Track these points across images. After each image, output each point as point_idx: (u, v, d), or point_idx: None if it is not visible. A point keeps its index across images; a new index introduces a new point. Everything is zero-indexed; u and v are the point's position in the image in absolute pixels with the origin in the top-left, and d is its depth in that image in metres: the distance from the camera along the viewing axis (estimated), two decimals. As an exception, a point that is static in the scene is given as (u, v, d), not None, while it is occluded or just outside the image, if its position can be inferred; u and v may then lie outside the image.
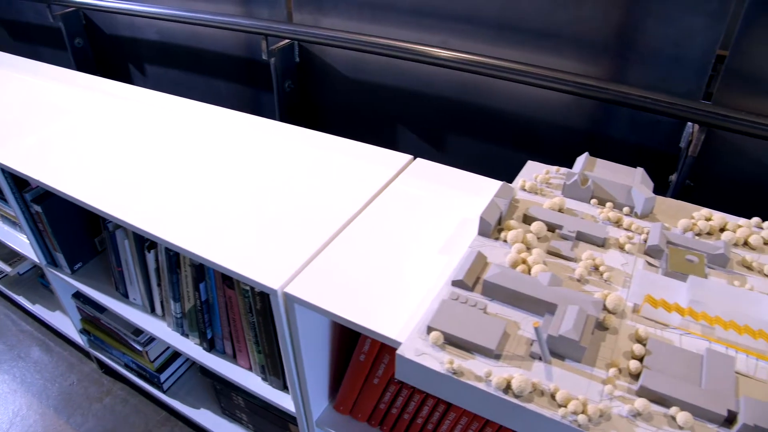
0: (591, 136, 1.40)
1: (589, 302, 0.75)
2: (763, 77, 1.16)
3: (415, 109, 1.64)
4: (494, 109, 1.50)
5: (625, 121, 1.34)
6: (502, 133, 1.52)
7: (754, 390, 0.71)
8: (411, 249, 0.98)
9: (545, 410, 0.66)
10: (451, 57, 1.38)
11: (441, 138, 1.65)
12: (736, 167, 1.27)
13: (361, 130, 1.79)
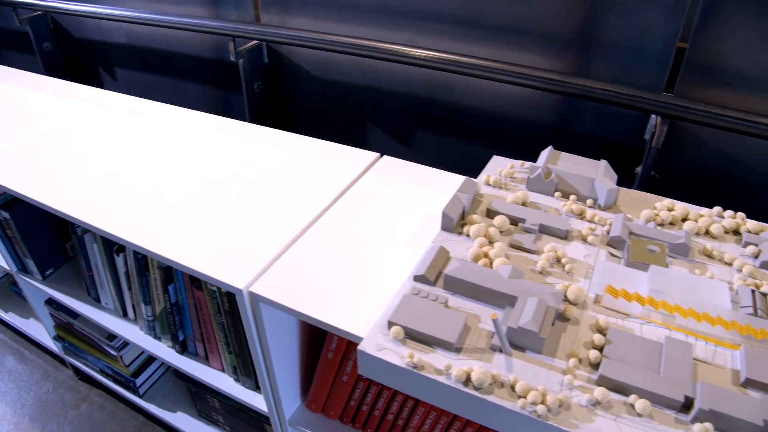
0: (557, 130, 1.41)
1: (549, 294, 0.76)
2: (722, 69, 1.18)
3: (384, 108, 1.64)
4: (461, 106, 1.50)
5: (590, 115, 1.36)
6: (469, 129, 1.53)
7: (712, 376, 0.72)
8: (376, 246, 0.98)
9: (505, 402, 0.67)
10: (417, 55, 1.39)
11: (410, 135, 1.65)
12: (700, 158, 1.29)
13: (331, 129, 1.79)
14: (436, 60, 1.37)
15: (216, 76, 1.94)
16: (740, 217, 1.00)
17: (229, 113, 1.97)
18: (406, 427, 1.02)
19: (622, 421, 0.66)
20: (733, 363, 0.74)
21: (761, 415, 0.65)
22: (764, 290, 0.84)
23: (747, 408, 0.65)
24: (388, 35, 1.50)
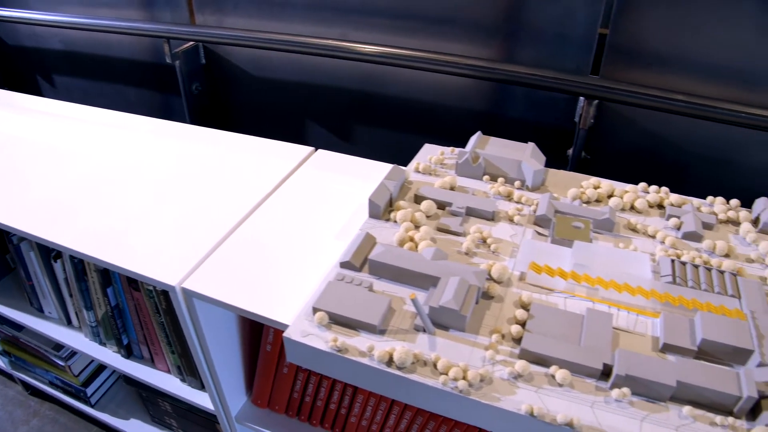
0: (490, 117, 1.43)
1: (472, 273, 0.77)
2: (642, 51, 1.21)
3: (321, 103, 1.65)
4: (396, 98, 1.52)
5: (521, 100, 1.38)
6: (405, 120, 1.54)
7: (633, 343, 0.74)
8: (309, 236, 0.99)
9: (426, 379, 0.68)
10: (350, 48, 1.40)
11: (348, 129, 1.66)
12: (629, 138, 1.32)
13: (271, 127, 1.79)
14: (369, 53, 1.38)
15: (155, 79, 1.93)
16: (664, 191, 1.03)
17: (170, 116, 1.95)
18: (349, 415, 1.03)
19: (543, 391, 0.67)
20: (653, 330, 0.76)
21: (675, 376, 0.67)
22: (684, 259, 0.87)
23: (662, 371, 0.67)
24: (321, 31, 1.50)
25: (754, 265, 0.90)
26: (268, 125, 1.80)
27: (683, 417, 0.66)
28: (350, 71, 1.54)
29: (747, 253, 0.92)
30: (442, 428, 0.94)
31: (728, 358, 0.72)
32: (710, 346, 0.72)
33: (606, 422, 0.65)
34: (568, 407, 0.66)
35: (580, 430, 0.63)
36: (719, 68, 1.19)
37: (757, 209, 1.00)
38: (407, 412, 0.95)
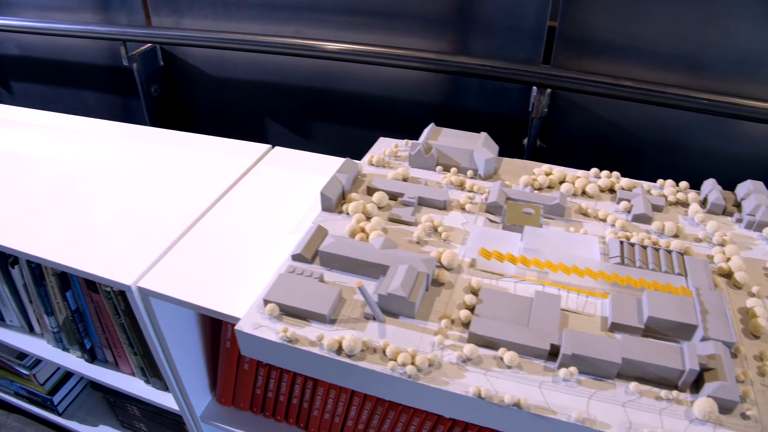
0: (446, 109, 1.45)
1: (420, 260, 0.78)
2: (591, 40, 1.23)
3: (279, 101, 1.65)
4: (352, 93, 1.53)
5: (475, 92, 1.39)
6: (362, 115, 1.55)
7: (582, 324, 0.76)
8: (264, 232, 0.99)
9: (376, 366, 0.68)
10: (305, 45, 1.40)
11: (306, 126, 1.67)
12: (582, 125, 1.34)
13: (231, 127, 1.79)
14: (323, 50, 1.38)
15: (113, 82, 1.91)
16: (615, 176, 1.04)
17: (130, 119, 1.94)
18: (311, 408, 1.03)
19: (492, 374, 0.68)
20: (602, 311, 0.78)
21: (620, 354, 0.68)
22: (633, 241, 0.88)
23: (608, 349, 0.68)
24: (276, 29, 1.51)
25: (702, 245, 0.92)
26: (229, 125, 1.80)
27: (630, 393, 0.67)
28: (306, 68, 1.55)
29: (695, 233, 0.94)
30: (402, 417, 0.94)
31: (674, 334, 0.74)
32: (656, 324, 0.74)
33: (554, 401, 0.66)
34: (516, 388, 0.67)
35: (527, 409, 0.64)
36: (666, 55, 1.21)
37: (705, 190, 1.02)
38: (367, 403, 0.96)
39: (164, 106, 1.79)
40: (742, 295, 0.83)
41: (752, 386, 0.69)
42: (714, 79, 1.21)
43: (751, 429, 0.64)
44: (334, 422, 1.02)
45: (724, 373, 0.66)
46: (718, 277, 0.86)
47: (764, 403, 0.67)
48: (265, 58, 1.58)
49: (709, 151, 1.30)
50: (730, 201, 1.01)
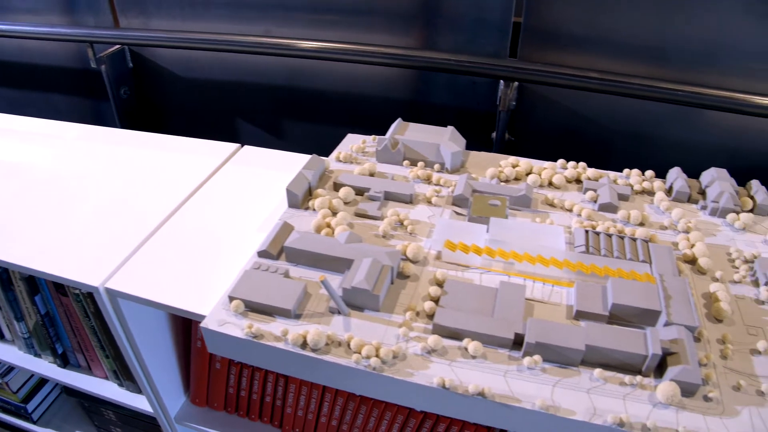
0: (415, 104, 1.45)
1: (385, 253, 0.78)
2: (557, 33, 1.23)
3: (249, 101, 1.65)
4: (323, 91, 1.53)
5: (444, 87, 1.40)
6: (332, 112, 1.55)
7: (548, 313, 0.76)
8: (233, 231, 0.99)
9: (341, 359, 0.68)
10: (273, 44, 1.40)
11: (276, 125, 1.67)
12: (551, 118, 1.35)
13: (202, 127, 1.78)
14: (292, 48, 1.38)
15: (82, 85, 1.90)
16: (581, 166, 1.05)
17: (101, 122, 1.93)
18: (284, 406, 1.03)
19: (457, 364, 0.69)
20: (568, 299, 0.78)
21: (584, 341, 0.68)
22: (599, 230, 0.89)
23: (571, 336, 0.69)
24: (245, 29, 1.50)
25: (667, 232, 0.93)
26: (200, 125, 1.79)
27: (594, 380, 0.68)
28: (276, 67, 1.54)
29: (660, 220, 0.95)
30: (374, 411, 0.94)
31: (638, 320, 0.74)
32: (621, 310, 0.74)
33: (518, 390, 0.66)
34: (480, 378, 0.67)
35: (491, 398, 0.65)
36: (631, 46, 1.22)
37: (671, 179, 1.03)
38: (339, 398, 0.96)
39: (134, 108, 1.78)
40: (706, 280, 0.84)
41: (714, 369, 0.70)
42: (678, 70, 1.22)
43: (713, 410, 0.65)
44: (307, 419, 1.02)
45: (686, 357, 0.67)
46: (682, 263, 0.86)
47: (726, 385, 0.68)
48: (235, 58, 1.57)
49: (676, 141, 1.31)
50: (695, 189, 1.02)
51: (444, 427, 0.92)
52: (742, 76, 1.22)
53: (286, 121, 1.65)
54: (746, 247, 0.91)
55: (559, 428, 0.65)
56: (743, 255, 0.88)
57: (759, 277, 0.84)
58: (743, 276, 0.84)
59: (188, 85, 1.70)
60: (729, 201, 0.97)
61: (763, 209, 0.98)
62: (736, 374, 0.69)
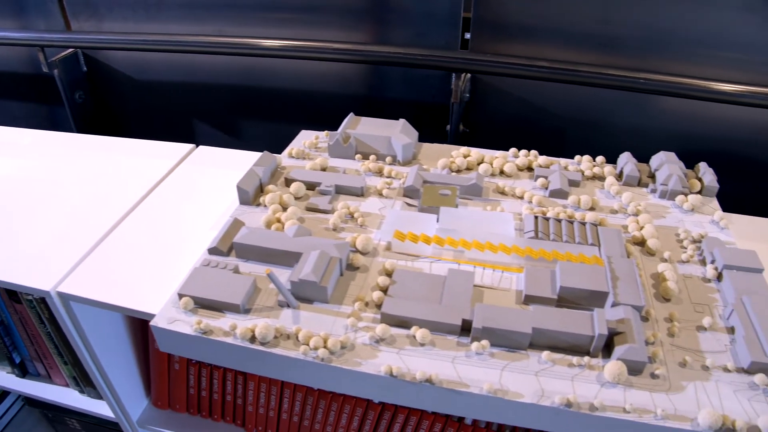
0: (370, 99, 1.46)
1: (333, 246, 0.78)
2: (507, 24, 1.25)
3: (205, 101, 1.64)
4: (277, 89, 1.53)
5: (398, 81, 1.41)
6: (287, 109, 1.55)
7: (498, 299, 0.77)
8: (187, 230, 0.98)
9: (289, 351, 0.68)
10: (226, 43, 1.40)
11: (234, 125, 1.66)
12: (505, 109, 1.36)
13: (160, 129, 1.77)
14: (245, 47, 1.38)
15: (37, 90, 1.87)
16: (533, 154, 1.06)
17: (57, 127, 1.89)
18: (245, 404, 1.03)
19: (405, 352, 0.69)
20: (517, 285, 0.79)
21: (530, 324, 0.69)
22: (549, 215, 0.90)
23: (518, 320, 0.70)
24: (198, 29, 1.50)
25: (618, 216, 0.94)
26: (157, 128, 1.78)
27: (542, 362, 0.69)
28: (230, 67, 1.54)
29: (611, 204, 0.96)
30: (333, 405, 0.95)
31: (587, 302, 0.75)
32: (569, 293, 0.75)
33: (466, 375, 0.67)
34: (428, 365, 0.67)
35: (439, 384, 0.65)
36: (579, 35, 1.24)
37: (621, 163, 1.05)
38: (298, 394, 0.96)
39: (91, 112, 1.76)
40: (654, 261, 0.85)
41: (662, 347, 0.71)
42: (625, 56, 1.24)
43: (659, 387, 0.66)
44: (269, 416, 1.02)
45: (632, 335, 0.68)
46: (631, 245, 0.88)
47: (673, 362, 0.69)
48: (189, 59, 1.57)
49: (628, 127, 1.33)
50: (644, 173, 1.04)
51: (403, 418, 0.93)
52: (688, 62, 1.24)
53: (243, 121, 1.64)
54: (694, 228, 0.92)
55: (508, 411, 0.66)
56: (691, 235, 0.90)
57: (706, 256, 0.86)
58: (691, 255, 0.86)
59: (144, 87, 1.69)
60: (677, 183, 0.98)
61: (710, 190, 1.00)
62: (682, 351, 0.71)
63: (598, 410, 0.63)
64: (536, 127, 1.37)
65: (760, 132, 1.32)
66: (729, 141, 1.34)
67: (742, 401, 0.65)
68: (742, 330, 0.71)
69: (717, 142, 1.34)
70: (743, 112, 1.28)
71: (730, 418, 0.62)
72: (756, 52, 1.21)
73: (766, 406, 0.65)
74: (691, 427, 0.63)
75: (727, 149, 1.35)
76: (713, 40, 1.22)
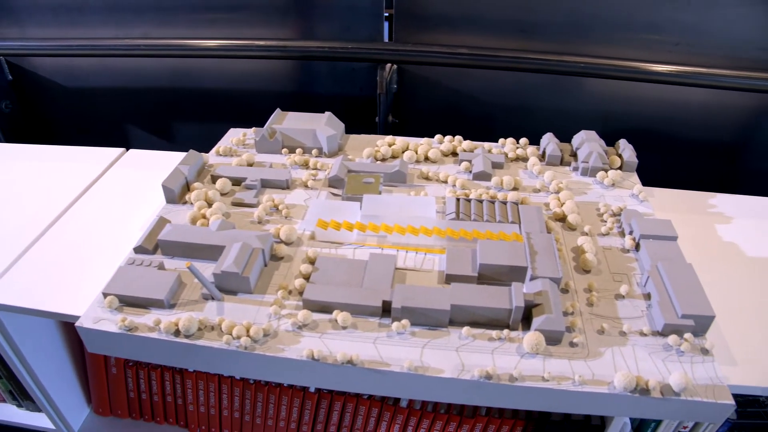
0: (299, 95, 1.47)
1: (255, 237, 0.79)
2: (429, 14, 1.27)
3: (136, 105, 1.63)
4: (207, 89, 1.53)
5: (325, 75, 1.42)
6: (218, 109, 1.56)
7: (421, 280, 0.79)
8: (116, 233, 0.98)
9: (213, 342, 0.69)
10: (153, 45, 1.39)
11: (165, 127, 1.66)
12: (433, 98, 1.39)
13: (93, 135, 1.75)
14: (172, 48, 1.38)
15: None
16: (457, 140, 1.08)
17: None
18: (186, 404, 1.03)
19: (328, 336, 0.70)
20: (440, 266, 0.81)
21: (449, 301, 0.71)
22: (471, 197, 0.92)
23: (436, 298, 0.71)
24: (123, 32, 1.48)
25: (540, 194, 0.97)
26: (90, 134, 1.75)
27: (463, 338, 0.71)
28: (158, 69, 1.53)
29: (533, 184, 0.99)
30: (270, 397, 0.95)
31: (507, 278, 0.77)
32: (488, 270, 0.77)
33: (388, 355, 0.68)
34: (350, 347, 0.69)
35: (361, 365, 0.66)
36: (500, 21, 1.26)
37: (543, 144, 1.08)
38: (235, 389, 0.97)
39: (20, 121, 1.73)
40: (575, 235, 0.88)
41: (581, 316, 0.74)
42: (547, 41, 1.27)
43: (578, 355, 0.69)
44: (210, 414, 1.02)
45: (550, 307, 0.70)
46: (552, 221, 0.90)
47: (591, 330, 0.72)
48: (117, 63, 1.55)
49: (553, 109, 1.37)
50: (566, 152, 1.07)
51: (340, 405, 0.94)
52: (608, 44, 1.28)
53: (174, 122, 1.64)
54: (614, 202, 0.96)
55: (429, 387, 0.67)
56: (611, 209, 0.93)
57: (624, 228, 0.89)
58: (610, 228, 0.89)
59: (73, 94, 1.67)
60: (597, 160, 1.01)
61: (630, 165, 1.04)
62: (600, 319, 0.73)
63: (518, 380, 0.66)
64: (464, 114, 1.40)
65: (678, 109, 1.36)
66: (649, 119, 1.39)
67: (656, 362, 0.68)
68: (656, 295, 0.74)
69: (638, 120, 1.39)
70: (662, 91, 1.33)
71: (644, 379, 0.65)
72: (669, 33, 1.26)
73: (679, 365, 0.68)
74: (608, 390, 0.65)
75: (647, 127, 1.40)
76: (631, 23, 1.26)
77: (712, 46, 1.27)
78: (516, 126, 1.40)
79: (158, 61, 1.50)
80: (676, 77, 1.23)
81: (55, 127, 1.78)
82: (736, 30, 1.25)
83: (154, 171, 1.14)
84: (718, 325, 0.77)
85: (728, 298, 0.83)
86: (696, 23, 1.25)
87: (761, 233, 0.98)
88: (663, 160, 1.43)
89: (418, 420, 0.92)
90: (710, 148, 1.43)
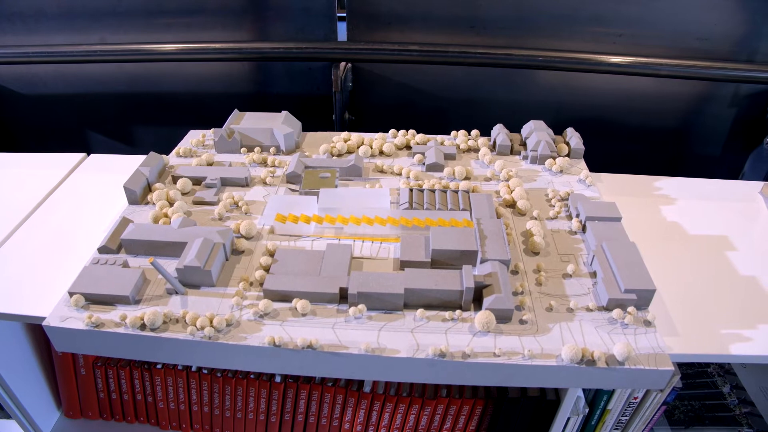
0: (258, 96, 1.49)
1: (215, 232, 0.82)
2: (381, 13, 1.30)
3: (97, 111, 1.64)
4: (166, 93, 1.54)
5: (282, 75, 1.45)
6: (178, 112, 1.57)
7: (375, 268, 0.82)
8: (79, 235, 0.99)
9: (178, 334, 0.72)
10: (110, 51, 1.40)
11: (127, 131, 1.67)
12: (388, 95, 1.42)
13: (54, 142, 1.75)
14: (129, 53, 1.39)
15: None
16: (411, 133, 1.12)
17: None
18: (156, 402, 1.05)
19: (288, 323, 0.73)
20: (395, 254, 0.84)
21: (402, 285, 0.74)
22: (424, 187, 0.96)
23: (390, 283, 0.75)
24: (79, 38, 1.49)
25: (491, 182, 1.01)
26: (51, 141, 1.75)
27: (418, 320, 0.74)
28: (117, 75, 1.54)
29: (484, 173, 1.03)
30: (238, 389, 0.98)
31: (459, 262, 0.81)
32: (440, 255, 0.81)
33: (346, 338, 0.71)
34: (310, 333, 0.72)
35: (320, 349, 0.70)
36: (449, 18, 1.30)
37: (494, 134, 1.12)
38: (203, 383, 0.99)
39: (-21, 131, 1.73)
40: (524, 220, 0.93)
41: (530, 295, 0.78)
42: (495, 36, 1.32)
43: (527, 331, 0.73)
44: (180, 410, 1.05)
45: (499, 287, 0.74)
46: (502, 208, 0.95)
47: (540, 308, 0.76)
48: (75, 69, 1.56)
49: (506, 102, 1.41)
50: (516, 141, 1.11)
51: (305, 393, 0.97)
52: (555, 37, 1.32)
53: (135, 127, 1.65)
54: (562, 187, 1.00)
55: (386, 368, 0.71)
56: (559, 194, 0.97)
57: (572, 211, 0.93)
58: (558, 212, 0.93)
59: (33, 101, 1.67)
60: (545, 148, 1.06)
61: (577, 152, 1.08)
62: (548, 297, 0.78)
63: (470, 357, 0.69)
64: (418, 109, 1.44)
65: (624, 98, 1.42)
66: (598, 108, 1.44)
67: (602, 335, 0.72)
68: (601, 272, 0.78)
69: (588, 109, 1.44)
70: (609, 81, 1.38)
71: (589, 350, 0.69)
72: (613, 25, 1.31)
73: (623, 336, 0.72)
74: (556, 363, 0.69)
75: (597, 116, 1.45)
76: (576, 15, 1.31)
77: (654, 37, 1.33)
78: (468, 119, 1.44)
79: (116, 66, 1.51)
80: (619, 67, 1.28)
81: (16, 135, 1.78)
82: (676, 21, 1.31)
83: (116, 174, 1.16)
84: (662, 299, 0.82)
85: (672, 273, 0.88)
86: (638, 15, 1.31)
87: (702, 213, 1.03)
88: (612, 147, 1.49)
89: (381, 404, 0.96)
90: (655, 134, 1.49)
